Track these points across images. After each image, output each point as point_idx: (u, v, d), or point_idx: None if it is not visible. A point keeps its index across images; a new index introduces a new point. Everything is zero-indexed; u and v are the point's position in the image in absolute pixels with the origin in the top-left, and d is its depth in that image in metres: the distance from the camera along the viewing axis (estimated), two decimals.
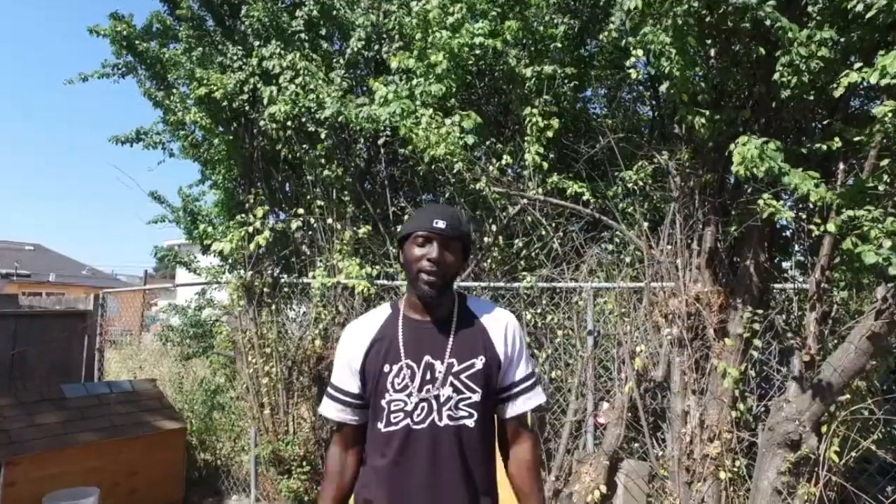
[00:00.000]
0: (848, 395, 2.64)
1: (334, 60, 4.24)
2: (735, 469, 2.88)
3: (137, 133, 4.59)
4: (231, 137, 4.21)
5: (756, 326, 2.93)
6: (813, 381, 2.65)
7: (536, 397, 1.58)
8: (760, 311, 2.96)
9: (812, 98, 2.71)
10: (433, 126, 3.41)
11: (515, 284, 3.74)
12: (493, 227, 4.07)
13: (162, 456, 4.42)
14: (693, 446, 2.96)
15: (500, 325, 1.55)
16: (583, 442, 3.42)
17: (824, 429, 2.66)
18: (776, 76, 2.59)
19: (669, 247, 3.29)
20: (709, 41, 2.92)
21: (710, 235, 3.17)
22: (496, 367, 1.52)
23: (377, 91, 3.58)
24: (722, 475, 2.87)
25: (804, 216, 2.86)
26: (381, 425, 1.48)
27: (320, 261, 4.16)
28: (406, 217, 4.22)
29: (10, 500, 3.62)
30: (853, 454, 2.68)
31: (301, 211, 4.00)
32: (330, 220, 4.02)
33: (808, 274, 2.88)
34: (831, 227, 2.51)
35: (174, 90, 4.05)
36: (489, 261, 4.14)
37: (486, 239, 4.04)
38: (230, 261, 4.26)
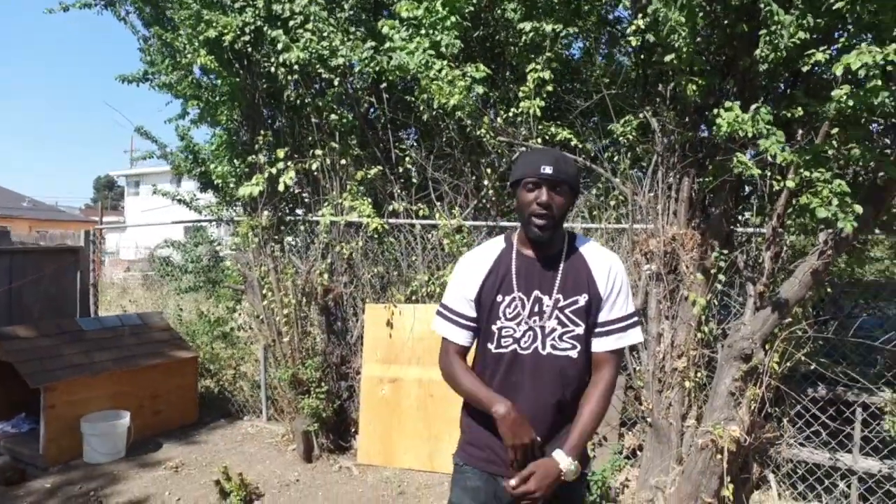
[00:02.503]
0: (790, 319, 3.28)
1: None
2: (697, 379, 3.53)
3: (145, 73, 4.59)
4: (237, 79, 4.31)
5: (721, 264, 3.51)
6: (764, 308, 3.28)
7: (629, 337, 1.65)
8: (726, 251, 3.54)
9: (783, 71, 3.17)
10: (448, 77, 3.69)
11: (511, 223, 4.18)
12: (489, 170, 4.45)
13: (177, 382, 4.78)
14: (664, 362, 3.59)
15: (605, 266, 1.64)
16: None
17: (769, 345, 3.32)
18: (757, 51, 3.02)
19: (651, 194, 3.79)
20: (701, 14, 3.30)
21: (687, 185, 3.68)
22: (597, 304, 1.62)
23: (392, 36, 3.75)
24: (686, 384, 3.51)
25: (767, 173, 3.38)
26: (491, 346, 1.65)
27: (327, 200, 4.45)
28: (410, 165, 4.51)
29: (52, 421, 3.95)
30: (788, 364, 3.36)
31: (319, 152, 4.23)
32: (344, 161, 4.28)
33: (766, 221, 3.46)
34: (790, 183, 3.04)
35: (180, 32, 4.07)
36: (484, 200, 4.55)
37: (484, 182, 4.43)
38: (242, 201, 4.46)
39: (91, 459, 4.05)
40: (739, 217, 3.87)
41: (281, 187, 4.09)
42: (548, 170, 1.55)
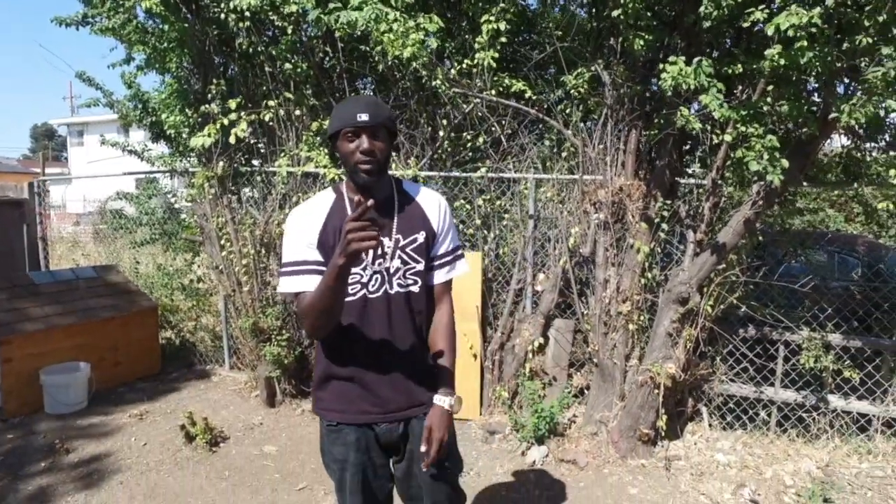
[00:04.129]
0: (724, 265, 3.53)
1: None
2: (640, 322, 3.78)
3: (84, 17, 4.37)
4: (185, 25, 4.17)
5: (665, 213, 3.71)
6: (701, 255, 3.51)
7: (460, 268, 1.80)
8: (669, 202, 3.74)
9: (727, 28, 3.29)
10: (400, 31, 3.68)
11: (469, 174, 4.28)
12: (445, 122, 4.50)
13: (138, 333, 4.81)
14: (610, 306, 3.81)
15: (434, 204, 1.75)
16: (523, 306, 4.21)
17: (705, 289, 3.58)
18: (701, 8, 3.12)
19: (601, 146, 3.92)
20: None
21: (635, 138, 3.82)
22: (432, 239, 1.73)
23: None
24: (630, 327, 3.75)
25: (708, 127, 3.54)
26: None
27: (283, 150, 4.43)
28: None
29: (10, 374, 3.96)
30: (721, 307, 3.63)
31: (272, 103, 4.18)
32: (299, 112, 4.25)
33: (707, 173, 3.65)
34: (727, 137, 3.22)
35: None
36: (440, 151, 4.61)
37: (440, 133, 4.48)
38: (196, 152, 4.40)
39: (53, 410, 4.10)
40: (687, 169, 4.06)
41: (232, 139, 4.05)
42: (364, 117, 1.57)
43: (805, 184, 3.54)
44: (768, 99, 3.11)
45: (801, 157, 3.13)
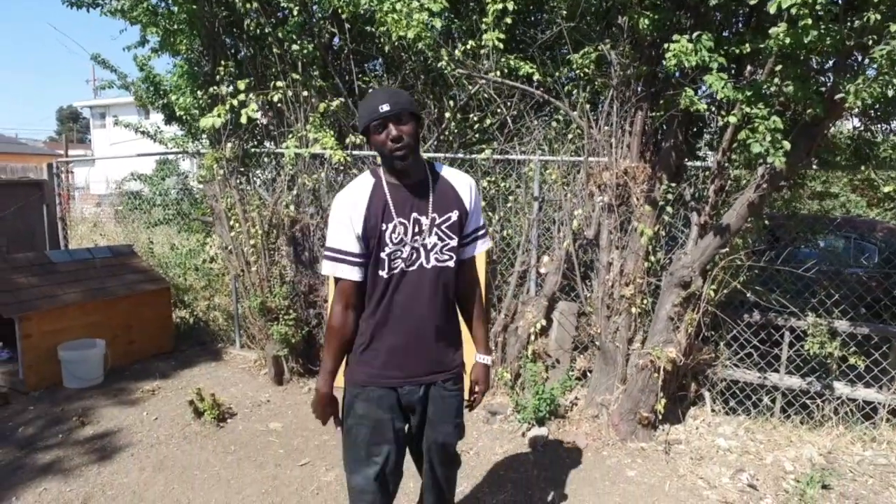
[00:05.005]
0: (728, 249, 3.48)
1: None
2: (643, 306, 3.76)
3: None
4: (194, 7, 4.21)
5: (670, 196, 3.67)
6: (704, 238, 3.47)
7: (487, 243, 2.03)
8: (674, 184, 3.69)
9: (734, 7, 3.22)
10: (404, 11, 3.66)
11: (474, 156, 4.27)
12: (451, 103, 4.49)
13: (151, 312, 4.93)
14: (613, 289, 3.80)
15: (465, 185, 1.91)
16: (527, 287, 4.22)
17: (709, 273, 3.54)
18: None
19: (607, 128, 3.88)
20: None
21: (641, 119, 3.77)
22: (465, 217, 1.90)
23: None
24: (633, 310, 3.74)
25: (714, 108, 3.48)
26: (383, 273, 1.82)
27: (292, 132, 4.47)
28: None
29: (29, 349, 4.10)
30: (724, 291, 3.59)
31: (280, 84, 4.21)
32: (305, 93, 4.28)
33: (713, 155, 3.59)
34: (732, 119, 3.16)
35: None
36: (446, 133, 4.60)
37: (446, 114, 4.47)
38: (207, 133, 4.46)
39: (70, 384, 4.25)
40: (696, 152, 3.99)
41: (244, 119, 4.09)
42: (385, 107, 1.71)
43: (815, 167, 3.47)
44: (776, 80, 3.04)
45: (808, 140, 3.05)
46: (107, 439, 3.55)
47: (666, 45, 3.11)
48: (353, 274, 1.82)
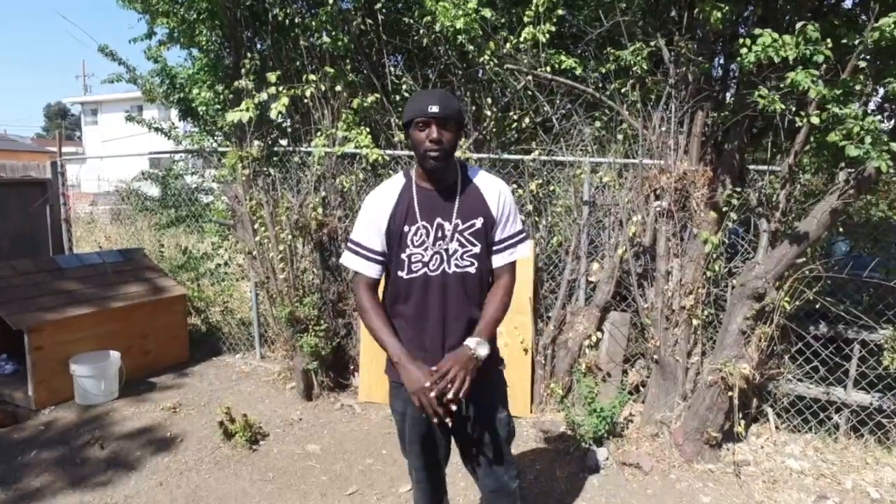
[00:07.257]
0: (803, 259, 3.26)
1: None
2: (703, 317, 3.55)
3: None
4: None
5: (734, 201, 3.45)
6: (778, 247, 3.25)
7: (520, 251, 1.90)
8: (739, 189, 3.47)
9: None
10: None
11: (522, 157, 4.02)
12: (489, 100, 4.23)
13: (166, 320, 4.63)
14: (672, 300, 3.57)
15: (494, 191, 1.85)
16: (575, 297, 3.98)
17: (781, 284, 3.31)
18: None
19: (662, 129, 3.65)
20: None
21: (700, 120, 3.55)
22: (491, 225, 1.85)
23: None
24: (693, 322, 3.52)
25: (792, 108, 3.25)
26: (403, 274, 1.82)
27: (320, 130, 4.18)
28: (406, 94, 4.26)
29: (40, 362, 3.79)
30: (797, 302, 3.38)
31: (313, 77, 3.92)
32: (338, 88, 3.99)
33: (783, 158, 3.37)
34: (815, 119, 2.94)
35: None
36: (485, 132, 4.34)
37: (486, 112, 4.21)
38: (227, 129, 4.16)
39: (84, 401, 3.94)
40: (756, 155, 3.78)
41: (274, 114, 3.80)
42: (435, 109, 1.69)
43: None
44: (860, 77, 2.82)
45: None
46: (129, 465, 3.25)
47: (742, 40, 2.88)
48: (371, 270, 1.85)
